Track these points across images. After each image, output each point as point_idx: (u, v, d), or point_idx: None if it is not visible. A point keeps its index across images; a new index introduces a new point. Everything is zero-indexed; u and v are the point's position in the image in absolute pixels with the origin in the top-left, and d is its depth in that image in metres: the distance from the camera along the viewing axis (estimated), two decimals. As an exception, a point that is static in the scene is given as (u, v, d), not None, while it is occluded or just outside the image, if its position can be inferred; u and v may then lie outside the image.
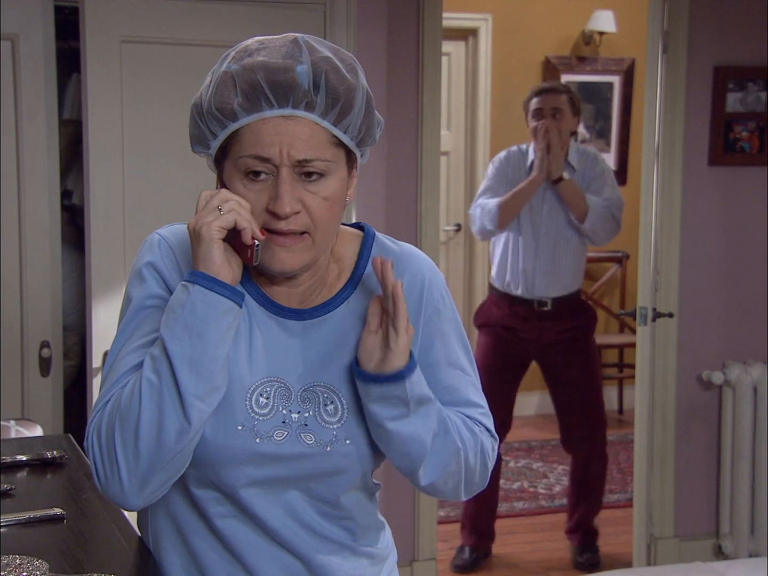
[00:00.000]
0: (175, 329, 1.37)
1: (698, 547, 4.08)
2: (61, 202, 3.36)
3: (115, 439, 1.37)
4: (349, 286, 1.52)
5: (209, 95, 1.40)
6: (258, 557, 1.49)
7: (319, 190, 1.40)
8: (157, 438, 1.36)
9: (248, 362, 1.46)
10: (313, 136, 1.38)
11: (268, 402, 1.45)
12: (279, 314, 1.49)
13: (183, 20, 3.20)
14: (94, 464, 1.40)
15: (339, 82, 1.39)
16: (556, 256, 4.11)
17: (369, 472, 1.53)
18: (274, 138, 1.37)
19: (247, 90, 1.37)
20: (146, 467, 1.37)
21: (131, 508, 1.44)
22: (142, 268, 1.48)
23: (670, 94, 3.87)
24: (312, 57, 1.38)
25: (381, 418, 1.43)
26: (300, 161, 1.37)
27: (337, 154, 1.42)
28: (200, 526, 1.50)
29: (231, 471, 1.44)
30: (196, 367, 1.36)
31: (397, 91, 3.68)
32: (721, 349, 4.07)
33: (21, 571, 1.45)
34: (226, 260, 1.38)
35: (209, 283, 1.37)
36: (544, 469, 5.54)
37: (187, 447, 1.39)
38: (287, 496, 1.47)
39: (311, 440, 1.45)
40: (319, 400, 1.47)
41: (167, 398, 1.35)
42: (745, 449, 3.98)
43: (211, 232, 1.36)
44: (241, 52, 1.41)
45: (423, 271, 1.55)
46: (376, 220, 3.57)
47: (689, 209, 3.96)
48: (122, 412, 1.37)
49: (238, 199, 1.38)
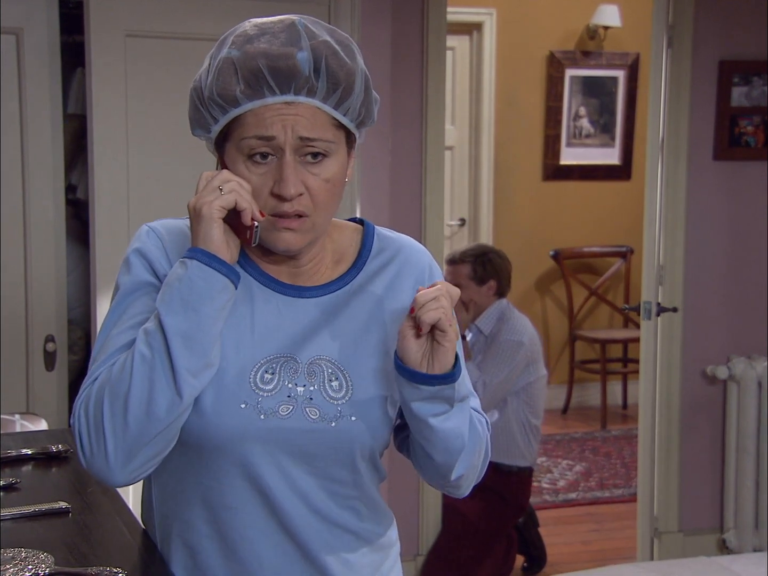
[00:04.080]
0: (171, 303, 1.37)
1: (702, 542, 4.08)
2: (66, 196, 3.36)
3: (103, 411, 1.37)
4: (352, 270, 1.54)
5: (210, 81, 1.41)
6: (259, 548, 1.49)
7: (321, 171, 1.42)
8: (147, 410, 1.36)
9: (251, 340, 1.46)
10: (315, 118, 1.40)
11: (273, 377, 1.46)
12: (282, 291, 1.50)
13: (187, 14, 3.20)
14: (80, 438, 1.40)
15: (339, 66, 1.41)
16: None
17: (376, 452, 1.53)
18: (276, 119, 1.39)
19: (249, 77, 1.39)
20: (133, 439, 1.37)
21: (115, 483, 1.43)
22: (130, 255, 1.49)
23: (674, 89, 3.87)
24: (311, 42, 1.41)
25: (425, 415, 1.44)
26: (303, 138, 1.39)
27: (338, 135, 1.44)
28: (202, 520, 1.49)
29: (237, 449, 1.44)
30: (190, 342, 1.37)
31: (402, 85, 3.67)
32: (725, 343, 4.07)
33: (26, 565, 1.46)
34: (224, 240, 1.39)
35: (207, 259, 1.38)
36: (548, 464, 5.54)
37: (176, 422, 1.39)
38: (295, 473, 1.47)
39: (316, 415, 1.46)
40: (324, 375, 1.47)
41: (159, 371, 1.36)
42: (750, 444, 3.98)
43: (212, 211, 1.37)
44: (240, 36, 1.43)
45: (425, 262, 1.58)
46: (380, 215, 3.56)
47: (694, 204, 3.96)
48: (112, 385, 1.38)
49: (239, 180, 1.39)
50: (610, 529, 4.49)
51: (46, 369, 3.25)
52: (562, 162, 6.57)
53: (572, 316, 6.56)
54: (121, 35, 3.10)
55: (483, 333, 3.97)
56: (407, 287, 1.54)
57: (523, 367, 3.87)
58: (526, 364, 3.89)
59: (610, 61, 6.55)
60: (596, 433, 6.14)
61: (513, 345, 3.87)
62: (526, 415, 3.91)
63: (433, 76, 3.71)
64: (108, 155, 3.12)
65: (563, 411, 6.55)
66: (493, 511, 3.83)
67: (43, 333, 3.25)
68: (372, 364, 1.50)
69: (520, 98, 6.46)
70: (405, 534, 2.64)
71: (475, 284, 4.01)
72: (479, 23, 6.38)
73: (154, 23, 3.16)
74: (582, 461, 5.59)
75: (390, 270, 1.55)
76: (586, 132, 6.59)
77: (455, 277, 4.01)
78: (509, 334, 3.89)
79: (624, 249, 6.59)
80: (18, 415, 2.46)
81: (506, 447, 3.88)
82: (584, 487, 5.16)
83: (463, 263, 4.03)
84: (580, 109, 6.56)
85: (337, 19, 3.41)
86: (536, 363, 3.93)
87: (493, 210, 6.56)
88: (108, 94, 3.10)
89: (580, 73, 6.51)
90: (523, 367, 3.87)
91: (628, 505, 4.79)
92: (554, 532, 4.54)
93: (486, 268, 4.02)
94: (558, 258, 6.48)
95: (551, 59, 6.45)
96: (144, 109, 3.16)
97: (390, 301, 1.53)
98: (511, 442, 3.89)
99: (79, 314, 3.55)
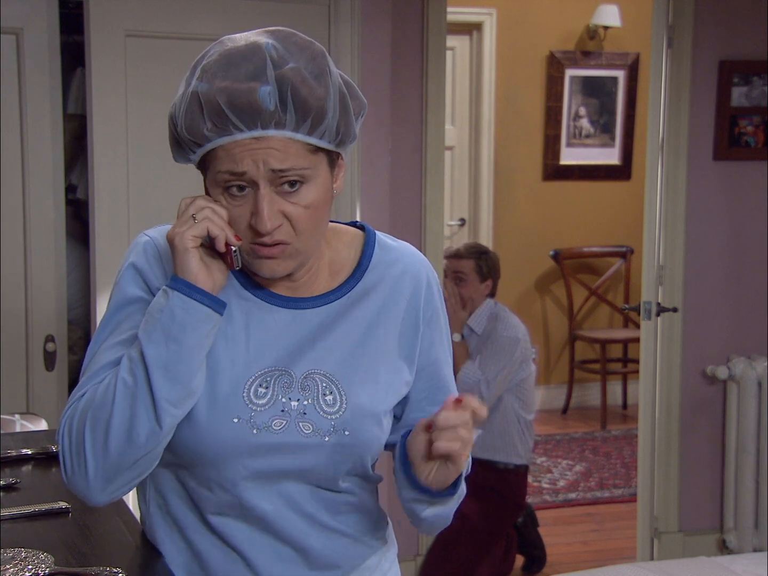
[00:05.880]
0: (152, 334, 1.38)
1: (702, 542, 4.08)
2: (66, 197, 3.36)
3: (85, 434, 1.38)
4: (351, 280, 1.52)
5: (181, 116, 1.39)
6: (256, 550, 1.49)
7: (300, 199, 1.39)
8: (127, 438, 1.37)
9: (246, 354, 1.46)
10: (287, 149, 1.36)
11: (267, 391, 1.45)
12: (278, 304, 1.49)
13: (187, 14, 3.20)
14: (63, 456, 1.41)
15: (308, 93, 1.35)
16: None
17: (368, 464, 1.53)
18: (246, 154, 1.36)
19: (214, 116, 1.35)
20: (113, 465, 1.38)
21: (95, 504, 1.44)
22: (125, 269, 1.49)
23: (674, 89, 3.86)
24: (277, 72, 1.35)
25: (419, 511, 1.48)
26: (275, 170, 1.36)
27: (316, 159, 1.40)
28: (197, 522, 1.50)
29: (229, 464, 1.44)
30: (171, 373, 1.37)
31: (402, 85, 3.67)
32: (725, 343, 4.07)
33: (26, 564, 1.46)
34: (203, 267, 1.39)
35: (188, 290, 1.37)
36: (548, 464, 5.54)
37: (156, 449, 1.40)
38: (287, 486, 1.47)
39: (309, 429, 1.45)
40: (319, 389, 1.47)
41: (140, 401, 1.36)
42: (750, 444, 3.98)
43: (184, 241, 1.37)
44: (207, 67, 1.38)
45: (423, 271, 1.57)
46: (380, 215, 3.56)
47: (694, 204, 3.96)
48: (95, 408, 1.38)
49: (213, 207, 1.38)
50: (610, 529, 4.49)
51: (46, 369, 3.25)
52: (562, 162, 6.57)
53: (572, 316, 6.56)
54: (121, 35, 3.10)
55: (475, 332, 3.98)
56: (403, 299, 1.54)
57: (519, 363, 3.89)
58: (521, 361, 3.90)
59: (610, 61, 6.54)
60: (596, 433, 6.14)
61: (510, 341, 3.89)
62: (521, 411, 3.93)
63: (433, 76, 3.71)
64: (108, 155, 3.12)
65: (563, 411, 6.55)
66: (491, 509, 3.84)
67: (43, 333, 3.25)
68: (367, 377, 1.49)
69: (520, 98, 6.46)
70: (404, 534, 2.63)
71: (478, 280, 4.03)
72: (479, 23, 6.38)
73: (154, 23, 3.17)
74: (582, 461, 5.59)
75: (388, 281, 1.54)
76: (586, 132, 6.59)
77: (458, 267, 4.03)
78: (506, 331, 3.91)
79: (624, 249, 6.59)
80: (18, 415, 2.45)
81: (502, 444, 3.89)
82: (584, 487, 5.16)
83: (469, 258, 4.05)
84: (580, 109, 6.56)
85: (337, 19, 3.41)
86: (528, 359, 3.96)
87: (493, 210, 6.56)
88: (108, 94, 3.10)
89: (580, 73, 6.51)
90: (518, 363, 3.89)
91: (628, 505, 4.79)
92: (554, 532, 4.54)
93: (489, 265, 4.05)
94: (558, 258, 6.48)
95: (551, 59, 6.45)
96: (144, 109, 3.16)
97: (387, 312, 1.52)
98: (507, 439, 3.90)
99: (79, 314, 3.55)
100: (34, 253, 3.22)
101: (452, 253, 4.11)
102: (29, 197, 3.20)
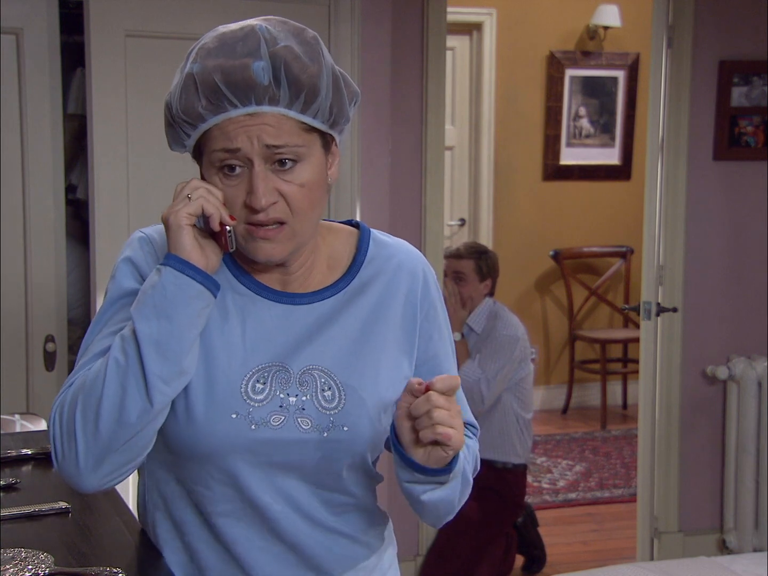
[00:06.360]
0: (144, 310, 1.38)
1: (702, 542, 4.08)
2: (66, 197, 3.37)
3: (76, 416, 1.38)
4: (346, 276, 1.53)
5: (176, 98, 1.41)
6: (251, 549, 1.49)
7: (294, 177, 1.40)
8: (118, 417, 1.36)
9: (243, 350, 1.46)
10: (281, 125, 1.38)
11: (264, 387, 1.45)
12: (274, 299, 1.49)
13: (187, 14, 3.20)
14: (53, 442, 1.41)
15: (300, 70, 1.38)
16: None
17: (368, 460, 1.53)
18: (240, 131, 1.38)
19: (209, 93, 1.38)
20: (103, 445, 1.37)
21: (85, 490, 1.43)
22: (120, 263, 1.50)
23: (674, 89, 3.87)
24: (270, 49, 1.38)
25: (417, 494, 1.43)
26: (270, 146, 1.38)
27: (309, 138, 1.41)
28: (196, 522, 1.50)
29: (228, 460, 1.44)
30: (162, 349, 1.37)
31: (402, 85, 3.67)
32: (725, 343, 4.07)
33: (26, 564, 1.46)
34: (197, 246, 1.39)
35: (180, 266, 1.38)
36: (548, 464, 5.54)
37: (146, 429, 1.39)
38: (286, 483, 1.47)
39: (308, 425, 1.45)
40: (317, 385, 1.47)
41: (131, 378, 1.36)
42: (750, 444, 3.98)
43: (178, 218, 1.38)
44: (201, 50, 1.41)
45: (419, 266, 1.58)
46: (380, 215, 3.57)
47: (694, 204, 3.96)
48: (86, 390, 1.39)
49: (208, 187, 1.40)
50: (610, 529, 4.49)
51: (46, 369, 3.25)
52: (562, 162, 6.57)
53: (572, 316, 6.56)
54: (121, 35, 3.10)
55: (474, 331, 3.99)
56: (400, 294, 1.54)
57: (518, 361, 3.90)
58: (521, 359, 3.91)
59: (610, 61, 6.55)
60: (596, 433, 6.14)
61: (510, 339, 3.90)
62: (519, 410, 3.94)
63: (433, 76, 3.71)
64: (108, 155, 3.12)
65: (563, 411, 6.55)
66: (490, 509, 3.84)
67: (43, 333, 3.25)
68: (366, 373, 1.49)
69: (520, 98, 6.46)
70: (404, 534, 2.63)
71: (478, 279, 4.04)
72: (479, 23, 6.38)
73: (154, 23, 3.17)
74: (582, 461, 5.59)
75: (384, 276, 1.54)
76: (586, 132, 6.59)
77: (459, 269, 4.04)
78: (505, 329, 3.92)
79: (624, 249, 6.59)
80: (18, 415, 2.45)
81: (501, 443, 3.90)
82: (584, 487, 5.16)
83: (468, 258, 4.06)
84: (580, 109, 6.56)
85: (337, 19, 3.41)
86: (527, 358, 3.97)
87: (493, 210, 6.56)
88: (108, 94, 3.10)
89: (580, 73, 6.51)
90: (518, 361, 3.90)
91: (628, 505, 4.79)
92: (554, 532, 4.54)
93: (488, 264, 4.06)
94: (558, 258, 6.48)
95: (551, 59, 6.45)
96: (144, 109, 3.16)
97: (384, 308, 1.52)
98: (506, 438, 3.91)
99: (79, 314, 3.55)
100: (34, 253, 3.22)
101: (452, 253, 4.12)
102: (29, 197, 3.20)
